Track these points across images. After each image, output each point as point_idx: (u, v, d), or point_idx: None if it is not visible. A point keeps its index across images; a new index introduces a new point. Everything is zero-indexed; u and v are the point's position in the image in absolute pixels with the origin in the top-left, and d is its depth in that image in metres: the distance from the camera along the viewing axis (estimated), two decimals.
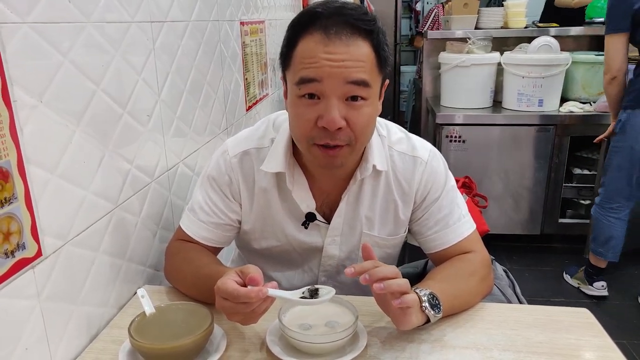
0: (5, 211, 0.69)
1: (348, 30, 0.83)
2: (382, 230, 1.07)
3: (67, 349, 0.85)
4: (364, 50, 0.84)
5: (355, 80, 0.84)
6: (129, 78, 1.04)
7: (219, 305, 0.80)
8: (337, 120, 0.84)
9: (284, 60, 0.91)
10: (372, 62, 0.86)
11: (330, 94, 0.84)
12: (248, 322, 0.82)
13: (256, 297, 0.76)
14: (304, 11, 0.89)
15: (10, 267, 0.70)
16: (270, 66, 2.23)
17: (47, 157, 0.78)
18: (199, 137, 1.42)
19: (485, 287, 1.03)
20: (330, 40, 0.83)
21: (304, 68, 0.85)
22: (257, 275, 0.79)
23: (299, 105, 0.88)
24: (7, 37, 0.69)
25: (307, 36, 0.85)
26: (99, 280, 0.94)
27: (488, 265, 1.04)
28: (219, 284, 0.79)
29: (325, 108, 0.84)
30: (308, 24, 0.85)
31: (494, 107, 3.08)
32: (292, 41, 0.87)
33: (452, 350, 0.86)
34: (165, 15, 1.20)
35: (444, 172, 1.05)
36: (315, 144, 0.88)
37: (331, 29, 0.83)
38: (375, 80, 0.87)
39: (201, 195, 1.05)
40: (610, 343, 0.87)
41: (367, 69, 0.85)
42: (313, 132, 0.87)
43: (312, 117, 0.86)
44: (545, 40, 2.84)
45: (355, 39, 0.84)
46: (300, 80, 0.85)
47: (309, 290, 0.84)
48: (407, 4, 6.32)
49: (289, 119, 0.94)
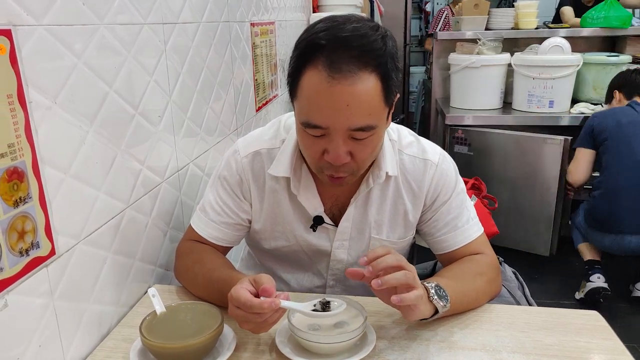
0: (20, 210, 0.70)
1: (354, 65, 0.79)
2: (391, 234, 1.07)
3: (79, 346, 0.86)
4: (369, 84, 0.81)
5: (360, 128, 0.83)
6: (141, 79, 1.05)
7: (232, 313, 0.81)
8: (341, 157, 0.85)
9: (290, 87, 0.88)
10: (378, 96, 0.83)
11: (334, 134, 0.84)
12: (259, 331, 0.84)
13: (269, 309, 0.78)
14: (308, 40, 0.83)
15: (25, 265, 0.72)
16: (280, 67, 2.23)
17: (60, 157, 0.80)
18: (209, 137, 1.43)
19: (494, 289, 1.03)
20: (335, 80, 0.79)
21: (309, 112, 0.84)
22: (270, 286, 0.80)
23: (305, 137, 0.89)
24: (23, 39, 0.70)
25: (312, 69, 0.81)
26: (111, 279, 0.95)
27: (497, 268, 1.04)
28: (233, 293, 0.80)
29: (330, 145, 0.85)
30: (313, 55, 0.81)
31: (503, 108, 3.07)
32: (297, 71, 0.84)
33: (461, 351, 0.86)
34: (176, 16, 1.21)
35: (454, 175, 1.05)
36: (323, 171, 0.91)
37: (336, 67, 0.79)
38: (380, 116, 0.86)
39: (212, 195, 1.05)
40: (621, 346, 0.86)
41: (372, 110, 0.83)
42: (320, 162, 0.89)
43: (318, 149, 0.87)
44: (556, 41, 2.82)
45: (362, 73, 0.80)
46: (305, 124, 0.85)
47: (321, 303, 0.87)
48: (417, 4, 6.30)
49: (298, 140, 0.94)
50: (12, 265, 0.69)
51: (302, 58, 0.83)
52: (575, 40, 3.02)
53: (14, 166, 0.69)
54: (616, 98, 2.57)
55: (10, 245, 0.68)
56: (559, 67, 2.79)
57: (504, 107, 3.07)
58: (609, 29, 3.02)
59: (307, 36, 0.84)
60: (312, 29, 0.84)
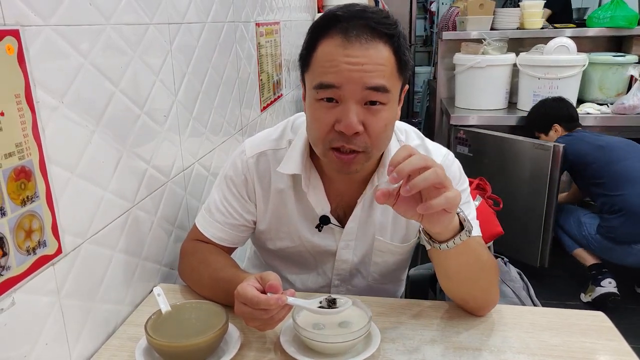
0: (28, 209, 0.71)
1: (368, 33, 0.82)
2: (394, 237, 1.07)
3: (85, 344, 0.86)
4: (384, 53, 0.83)
5: (375, 86, 0.83)
6: (147, 79, 1.05)
7: (238, 310, 0.81)
8: (354, 125, 0.84)
9: (303, 62, 0.90)
10: (392, 66, 0.85)
11: (348, 99, 0.84)
12: (265, 329, 0.83)
13: (275, 305, 0.78)
14: (324, 14, 0.88)
15: (32, 264, 0.72)
16: (284, 67, 2.24)
17: (67, 156, 0.80)
18: (214, 137, 1.43)
19: (496, 293, 0.98)
20: (350, 43, 0.82)
21: (323, 73, 0.85)
22: (277, 283, 0.80)
23: (316, 108, 0.88)
24: (30, 39, 0.71)
25: (327, 39, 0.84)
26: (116, 278, 0.96)
27: (496, 270, 0.99)
28: (239, 290, 0.80)
29: (343, 112, 0.84)
30: (328, 26, 0.85)
31: (509, 108, 3.06)
32: (312, 44, 0.87)
33: (466, 352, 0.85)
34: (182, 17, 1.21)
35: (458, 174, 1.05)
36: (332, 148, 0.88)
37: (351, 32, 0.82)
38: (394, 84, 0.87)
39: (218, 195, 1.06)
40: (627, 347, 0.86)
41: (386, 74, 0.84)
42: (330, 135, 0.87)
43: (329, 121, 0.86)
44: (562, 41, 2.81)
45: (376, 42, 0.83)
46: (319, 85, 0.85)
47: (327, 300, 0.86)
48: (422, 4, 6.29)
49: (307, 122, 0.94)
50: (20, 264, 0.70)
51: (317, 30, 0.86)
52: (581, 40, 3.01)
53: (22, 165, 0.69)
54: (557, 131, 2.63)
55: (17, 243, 0.69)
56: (565, 67, 2.78)
57: (509, 108, 3.06)
58: (615, 29, 3.01)
59: (323, 14, 0.88)
60: (326, 11, 0.88)
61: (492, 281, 0.96)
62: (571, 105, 2.69)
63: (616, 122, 2.79)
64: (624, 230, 2.38)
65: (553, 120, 2.63)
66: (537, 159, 2.55)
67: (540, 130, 2.70)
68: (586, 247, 2.55)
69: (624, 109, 2.77)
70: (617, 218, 2.38)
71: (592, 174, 2.46)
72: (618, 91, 2.96)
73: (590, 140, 2.50)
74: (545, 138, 2.68)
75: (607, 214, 2.43)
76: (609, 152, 2.42)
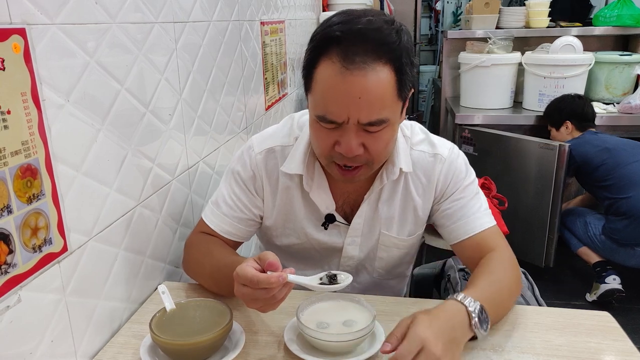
0: (34, 207, 0.71)
1: (368, 58, 0.80)
2: (400, 231, 1.07)
3: (90, 341, 0.87)
4: (382, 78, 0.81)
5: (370, 122, 0.83)
6: (152, 77, 1.06)
7: (238, 292, 0.80)
8: (354, 149, 0.85)
9: (305, 81, 0.90)
10: (392, 90, 0.83)
11: (346, 126, 0.84)
12: (267, 309, 0.82)
13: (276, 282, 0.76)
14: (322, 33, 0.85)
15: (38, 261, 0.72)
16: (289, 66, 2.24)
17: (73, 155, 0.80)
18: (219, 135, 1.44)
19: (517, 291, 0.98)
20: (349, 71, 0.80)
21: (323, 105, 0.84)
22: (276, 261, 0.79)
23: (317, 129, 0.89)
24: (37, 38, 0.71)
25: (326, 61, 0.82)
26: (121, 275, 0.96)
27: (515, 265, 1.00)
28: (238, 270, 0.79)
29: (343, 136, 0.85)
30: (327, 47, 0.82)
31: (514, 107, 3.04)
32: (311, 64, 0.86)
33: (470, 351, 0.85)
34: (187, 15, 1.21)
35: (464, 167, 1.05)
36: (334, 162, 0.90)
37: (350, 58, 0.80)
38: (394, 109, 0.86)
39: (225, 190, 1.06)
40: (632, 347, 0.86)
41: (386, 103, 0.83)
42: (331, 153, 0.89)
43: (330, 142, 0.87)
44: (568, 40, 2.80)
45: (376, 64, 0.80)
46: (319, 118, 0.86)
47: (328, 276, 0.85)
48: (427, 3, 6.27)
49: (310, 134, 0.95)
50: (26, 261, 0.70)
51: (316, 50, 0.85)
52: (587, 39, 2.99)
53: (28, 163, 0.70)
54: (568, 129, 2.61)
55: (23, 241, 0.69)
56: (571, 66, 2.77)
57: (515, 107, 3.05)
58: (622, 28, 2.99)
59: (323, 29, 0.85)
60: (327, 22, 0.86)
61: (513, 300, 0.97)
62: (589, 104, 2.66)
63: (622, 121, 2.77)
64: (628, 233, 2.37)
65: (566, 117, 2.61)
66: (542, 158, 2.52)
67: (552, 124, 2.69)
68: (591, 247, 2.54)
69: (631, 108, 2.75)
70: (622, 221, 2.38)
71: (598, 177, 2.45)
72: (624, 90, 2.95)
73: (597, 142, 2.48)
74: (555, 133, 2.66)
75: (612, 216, 2.43)
76: (615, 154, 2.42)
